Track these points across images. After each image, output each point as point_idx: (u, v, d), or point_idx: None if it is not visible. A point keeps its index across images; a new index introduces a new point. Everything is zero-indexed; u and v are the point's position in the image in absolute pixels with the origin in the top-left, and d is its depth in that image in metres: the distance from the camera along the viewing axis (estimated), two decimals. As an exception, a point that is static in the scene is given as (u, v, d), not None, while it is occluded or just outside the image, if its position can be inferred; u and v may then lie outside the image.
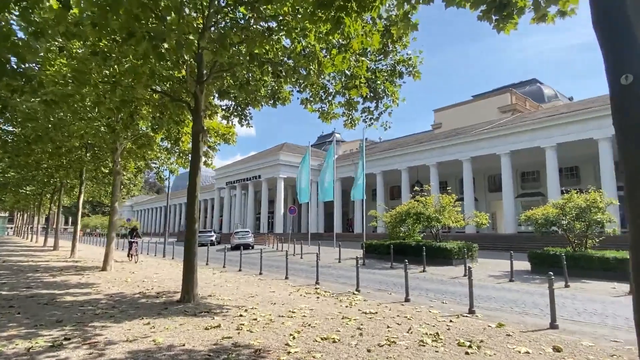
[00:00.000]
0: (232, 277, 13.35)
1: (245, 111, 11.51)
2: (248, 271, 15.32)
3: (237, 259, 20.09)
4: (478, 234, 27.54)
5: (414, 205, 17.87)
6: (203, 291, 10.07)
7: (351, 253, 23.49)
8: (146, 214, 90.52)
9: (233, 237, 29.72)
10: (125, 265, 17.21)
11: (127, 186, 27.67)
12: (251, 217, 44.30)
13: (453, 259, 16.82)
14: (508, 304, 9.04)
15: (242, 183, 45.76)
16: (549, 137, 24.59)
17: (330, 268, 16.46)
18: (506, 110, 40.35)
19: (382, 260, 18.93)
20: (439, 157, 30.84)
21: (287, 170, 40.44)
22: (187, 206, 8.65)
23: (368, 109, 10.10)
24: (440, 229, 18.43)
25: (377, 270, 15.72)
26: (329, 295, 9.79)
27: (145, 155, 18.15)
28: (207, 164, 16.91)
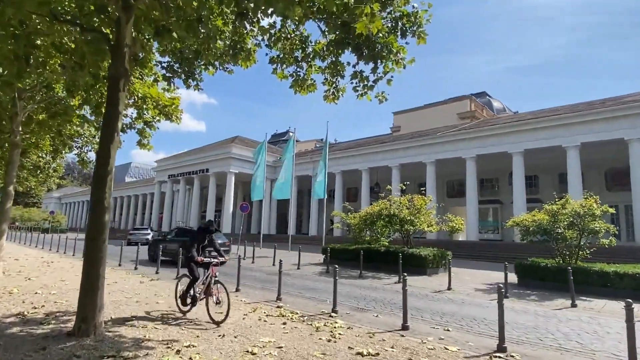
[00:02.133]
0: (165, 287, 10.32)
1: (193, 68, 8.63)
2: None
3: (175, 263, 17.03)
4: (438, 240, 26.24)
5: (385, 206, 15.78)
6: (119, 313, 7.07)
7: (308, 257, 21.02)
8: (76, 208, 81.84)
9: (173, 236, 26.04)
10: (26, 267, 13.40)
11: (44, 170, 23.11)
12: (196, 214, 40.34)
13: (427, 268, 14.92)
14: (532, 332, 7.01)
15: (186, 177, 41.65)
16: (517, 143, 23.83)
17: (289, 276, 13.86)
18: (465, 117, 40.13)
19: (347, 267, 16.62)
20: (402, 159, 29.35)
21: (238, 165, 37.16)
22: (94, 188, 5.70)
23: (360, 74, 7.69)
24: (412, 234, 16.51)
25: (344, 279, 13.36)
26: (298, 318, 7.22)
27: (62, 129, 14.47)
28: (143, 144, 13.53)
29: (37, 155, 19.57)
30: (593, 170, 25.88)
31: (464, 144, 26.15)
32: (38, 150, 17.85)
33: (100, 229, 5.51)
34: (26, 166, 21.64)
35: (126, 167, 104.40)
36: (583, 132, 21.63)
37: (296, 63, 8.31)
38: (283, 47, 8.10)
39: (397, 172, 29.81)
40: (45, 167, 22.67)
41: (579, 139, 21.70)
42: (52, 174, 24.75)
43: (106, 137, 5.78)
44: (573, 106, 24.99)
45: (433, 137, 27.83)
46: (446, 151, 27.12)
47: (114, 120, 5.82)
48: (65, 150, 17.38)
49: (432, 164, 27.71)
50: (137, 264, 14.80)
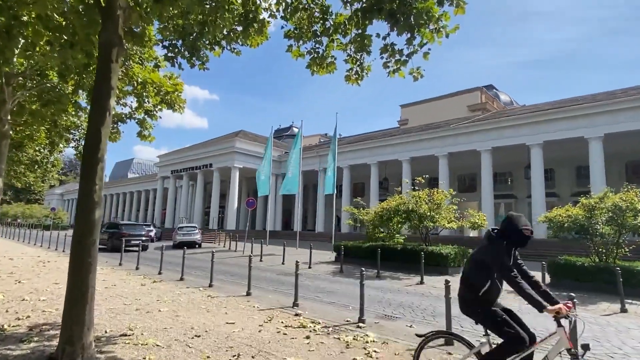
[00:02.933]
0: (169, 291, 9.36)
1: (197, 45, 7.60)
2: (194, 281, 11.35)
3: (180, 262, 16.24)
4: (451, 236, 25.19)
5: (403, 201, 14.76)
6: (115, 324, 6.11)
7: (318, 256, 20.07)
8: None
9: (176, 234, 25.13)
10: (19, 268, 12.47)
11: (42, 165, 22.17)
12: (199, 211, 39.43)
13: (449, 267, 13.93)
14: (596, 347, 6.00)
15: (189, 172, 40.68)
16: (536, 134, 22.72)
17: (302, 276, 12.83)
18: (476, 109, 38.94)
19: (360, 266, 15.54)
20: (413, 152, 28.25)
21: (243, 160, 36.15)
22: (82, 179, 4.73)
23: (392, 48, 6.65)
24: (431, 231, 15.50)
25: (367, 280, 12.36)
26: (321, 330, 6.25)
27: (57, 120, 13.49)
28: (144, 136, 12.52)
29: (33, 149, 18.64)
30: (613, 162, 24.73)
31: (479, 136, 25.03)
32: (33, 143, 16.90)
33: (89, 228, 4.53)
34: (23, 161, 20.72)
35: (128, 163, 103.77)
36: (607, 123, 20.49)
37: (315, 38, 7.28)
38: (300, 20, 7.08)
39: (407, 166, 28.73)
40: (43, 161, 21.74)
41: (603, 130, 20.56)
42: (50, 168, 23.83)
43: (96, 117, 4.79)
44: (594, 96, 23.79)
45: (446, 129, 26.72)
46: (460, 144, 26.00)
47: (105, 97, 4.81)
48: (62, 143, 16.42)
49: (444, 157, 26.61)
50: (138, 264, 13.85)
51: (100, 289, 9.25)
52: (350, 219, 19.29)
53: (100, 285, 9.87)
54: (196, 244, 25.37)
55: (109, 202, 69.13)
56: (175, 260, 17.32)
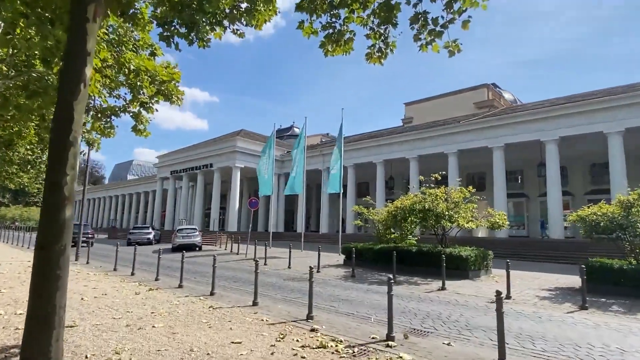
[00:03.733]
0: (165, 301, 8.34)
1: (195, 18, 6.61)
2: (193, 288, 10.33)
3: (179, 266, 15.32)
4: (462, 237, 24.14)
5: (419, 200, 13.75)
6: (99, 345, 5.09)
7: (325, 258, 19.04)
8: (77, 206, 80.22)
9: (175, 236, 24.11)
10: (4, 275, 11.46)
11: (35, 165, 21.16)
12: (199, 212, 38.41)
13: (469, 271, 12.91)
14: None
15: (189, 173, 39.66)
16: (552, 130, 21.70)
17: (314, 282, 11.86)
18: (483, 106, 37.91)
19: (372, 270, 14.65)
20: (421, 150, 27.22)
21: (244, 159, 35.12)
22: (49, 168, 3.74)
23: (424, 16, 5.68)
24: (447, 231, 14.48)
25: (376, 285, 11.38)
26: (345, 351, 5.23)
27: (45, 114, 12.48)
28: (139, 130, 11.49)
29: (24, 147, 17.64)
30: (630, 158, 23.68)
31: (491, 132, 24.00)
32: (24, 141, 15.88)
33: (57, 231, 3.51)
34: (14, 161, 19.73)
35: (128, 164, 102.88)
36: (628, 117, 19.46)
37: (331, 10, 6.31)
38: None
39: (415, 164, 27.70)
40: (36, 161, 20.75)
41: (623, 124, 19.54)
42: (43, 169, 22.87)
43: (67, 89, 3.78)
44: (611, 89, 22.77)
45: (455, 126, 25.68)
46: (470, 140, 24.98)
47: (78, 63, 3.81)
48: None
49: (454, 155, 25.58)
50: (133, 269, 12.83)
51: (89, 299, 8.25)
52: (359, 219, 18.26)
53: (89, 293, 8.86)
54: (196, 246, 24.34)
55: (107, 205, 68.14)
56: (174, 264, 16.30)
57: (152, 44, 10.25)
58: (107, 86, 10.22)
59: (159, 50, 10.34)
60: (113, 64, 9.91)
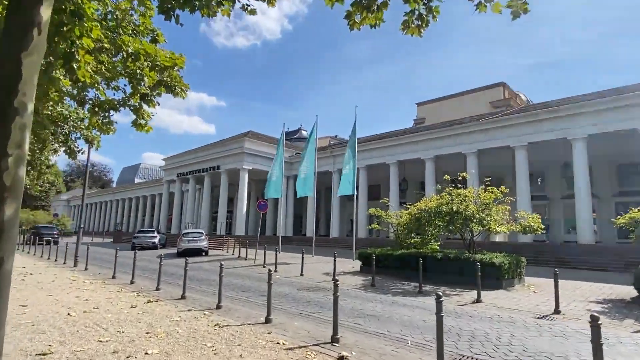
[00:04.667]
0: (164, 316, 7.22)
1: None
2: (198, 300, 9.19)
3: (182, 273, 14.29)
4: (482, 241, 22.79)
5: (446, 201, 12.52)
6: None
7: (338, 264, 17.84)
8: (85, 210, 79.88)
9: (180, 240, 23.06)
10: None
11: (35, 166, 20.23)
12: (206, 216, 37.42)
13: (503, 280, 11.64)
14: None
15: (196, 175, 38.76)
16: (579, 127, 20.34)
17: (327, 292, 10.69)
18: (499, 105, 36.56)
19: (392, 278, 13.42)
20: (438, 150, 25.95)
21: (252, 161, 34.13)
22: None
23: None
24: (476, 235, 13.23)
25: (400, 297, 10.16)
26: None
27: (39, 108, 11.48)
28: (140, 125, 10.40)
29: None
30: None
31: (513, 131, 22.67)
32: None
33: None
34: (12, 161, 18.85)
35: (135, 168, 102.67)
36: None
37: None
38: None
39: (431, 165, 26.44)
40: (37, 162, 19.83)
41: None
42: (44, 170, 21.98)
43: (13, 35, 2.67)
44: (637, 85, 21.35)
45: (474, 124, 24.38)
46: (491, 139, 23.67)
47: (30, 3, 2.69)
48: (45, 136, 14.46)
49: (473, 155, 24.28)
50: (133, 277, 11.73)
51: (77, 314, 7.14)
52: (376, 223, 17.04)
53: (79, 307, 7.76)
54: (202, 251, 23.27)
55: (114, 208, 67.58)
56: (179, 271, 15.21)
57: (153, 29, 9.14)
58: (103, 74, 9.15)
59: (161, 36, 9.22)
60: (109, 47, 8.83)
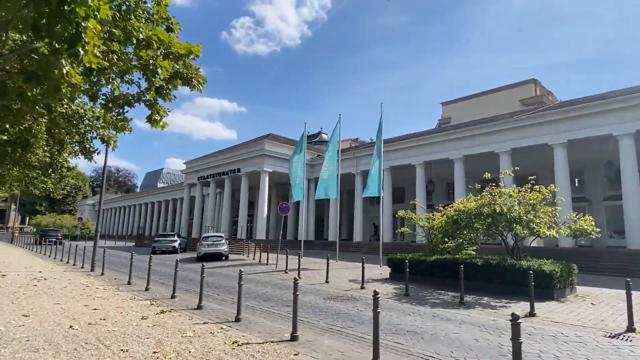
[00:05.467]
0: (177, 330, 6.36)
1: None
2: (215, 310, 8.32)
3: (200, 279, 13.56)
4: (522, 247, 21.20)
5: (488, 202, 11.31)
6: None
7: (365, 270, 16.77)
8: (110, 214, 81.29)
9: (200, 244, 22.42)
10: (3, 290, 9.87)
11: (56, 169, 19.96)
12: (227, 219, 36.89)
13: (554, 290, 10.34)
14: None
15: (217, 178, 38.34)
16: (627, 122, 18.63)
17: (357, 302, 9.66)
18: (530, 103, 34.74)
19: (426, 286, 12.27)
20: (468, 149, 24.48)
21: (272, 163, 33.41)
22: None
23: None
24: (520, 240, 11.93)
25: (439, 309, 9.03)
26: None
27: (52, 105, 10.91)
28: (154, 120, 9.66)
29: (41, 149, 16.40)
30: None
31: (552, 127, 21.06)
32: (36, 140, 14.56)
33: None
34: (33, 163, 18.62)
35: (158, 173, 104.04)
36: None
37: None
38: None
39: (460, 165, 25.01)
40: (57, 165, 19.58)
41: None
42: (65, 173, 21.77)
43: None
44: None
45: (509, 121, 22.83)
46: (526, 137, 22.09)
47: None
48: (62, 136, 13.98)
49: (506, 154, 22.74)
50: (148, 283, 10.99)
51: (80, 327, 6.36)
52: (406, 226, 15.89)
53: (84, 318, 6.98)
54: (222, 256, 22.58)
55: (137, 212, 68.32)
56: (197, 277, 14.41)
57: (167, 17, 8.38)
58: (115, 65, 8.43)
59: (177, 25, 8.47)
60: (119, 33, 8.10)
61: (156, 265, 12.78)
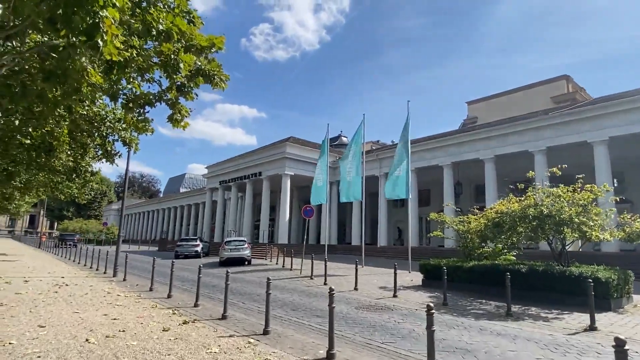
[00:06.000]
0: (201, 344, 5.78)
1: None
2: (241, 320, 7.73)
3: (224, 285, 13.04)
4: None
5: (533, 203, 10.37)
6: None
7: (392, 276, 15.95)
8: (134, 219, 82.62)
9: (223, 249, 22.02)
10: (22, 295, 9.57)
11: (80, 174, 19.93)
12: (248, 224, 36.59)
13: (611, 299, 9.32)
14: None
15: (238, 182, 38.15)
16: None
17: (393, 313, 8.90)
18: (563, 100, 33.14)
19: (465, 294, 11.37)
20: (500, 149, 23.25)
21: (294, 166, 32.91)
22: None
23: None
24: (569, 244, 10.92)
25: (484, 321, 8.17)
26: None
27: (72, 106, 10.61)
28: (176, 120, 9.21)
29: (64, 153, 16.30)
30: None
31: (591, 124, 19.71)
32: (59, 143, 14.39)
33: None
34: (56, 168, 18.62)
35: (180, 178, 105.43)
36: None
37: None
38: None
39: (491, 166, 23.84)
40: (80, 170, 19.54)
41: None
42: (89, 178, 21.78)
43: None
44: None
45: (544, 118, 21.56)
46: (563, 135, 20.79)
47: None
48: (83, 139, 13.76)
49: (541, 154, 21.48)
50: (170, 290, 10.51)
51: (97, 340, 5.85)
52: (439, 230, 14.98)
53: (102, 330, 6.48)
54: (245, 260, 22.12)
55: (160, 217, 69.11)
56: (220, 283, 13.97)
57: (189, 10, 7.95)
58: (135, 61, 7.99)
59: (198, 19, 8.02)
60: (136, 22, 7.66)
61: (178, 271, 12.29)
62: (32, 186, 27.07)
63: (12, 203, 37.72)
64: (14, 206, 39.83)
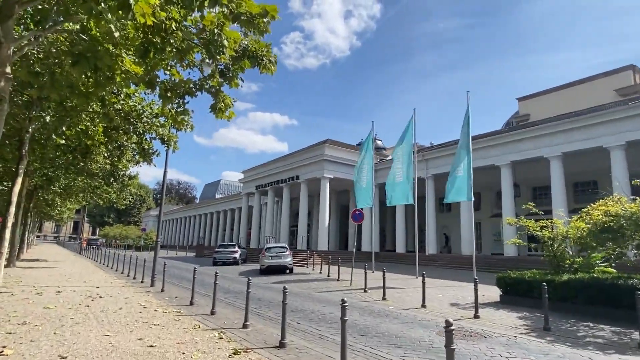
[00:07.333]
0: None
1: None
2: (305, 349, 6.19)
3: (271, 298, 11.70)
4: None
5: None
6: None
7: (459, 290, 14.00)
8: (172, 225, 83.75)
9: (264, 256, 20.69)
10: (51, 310, 8.48)
11: (118, 178, 19.25)
12: (285, 229, 35.31)
13: None
14: None
15: (275, 187, 37.05)
16: None
17: (489, 341, 7.06)
18: (628, 93, 29.87)
19: (562, 314, 9.32)
20: (567, 145, 20.65)
21: (333, 169, 31.38)
22: None
23: None
24: None
25: (615, 355, 6.22)
26: None
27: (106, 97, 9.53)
28: (220, 110, 7.86)
29: (101, 155, 15.52)
30: None
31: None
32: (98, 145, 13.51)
33: None
34: (94, 171, 17.96)
35: (216, 184, 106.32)
36: None
37: None
38: None
39: (558, 164, 21.24)
40: (118, 173, 18.84)
41: None
42: (127, 182, 21.12)
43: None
44: None
45: (622, 109, 18.87)
46: (647, 128, 18.16)
47: None
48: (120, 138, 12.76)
49: (619, 149, 18.79)
50: (214, 306, 9.12)
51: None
52: (517, 237, 12.90)
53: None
54: (287, 268, 20.72)
55: (197, 223, 69.46)
56: (266, 295, 12.57)
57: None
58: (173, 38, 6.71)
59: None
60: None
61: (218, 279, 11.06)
62: (71, 192, 27.11)
63: (55, 209, 38.63)
64: (57, 212, 40.73)
